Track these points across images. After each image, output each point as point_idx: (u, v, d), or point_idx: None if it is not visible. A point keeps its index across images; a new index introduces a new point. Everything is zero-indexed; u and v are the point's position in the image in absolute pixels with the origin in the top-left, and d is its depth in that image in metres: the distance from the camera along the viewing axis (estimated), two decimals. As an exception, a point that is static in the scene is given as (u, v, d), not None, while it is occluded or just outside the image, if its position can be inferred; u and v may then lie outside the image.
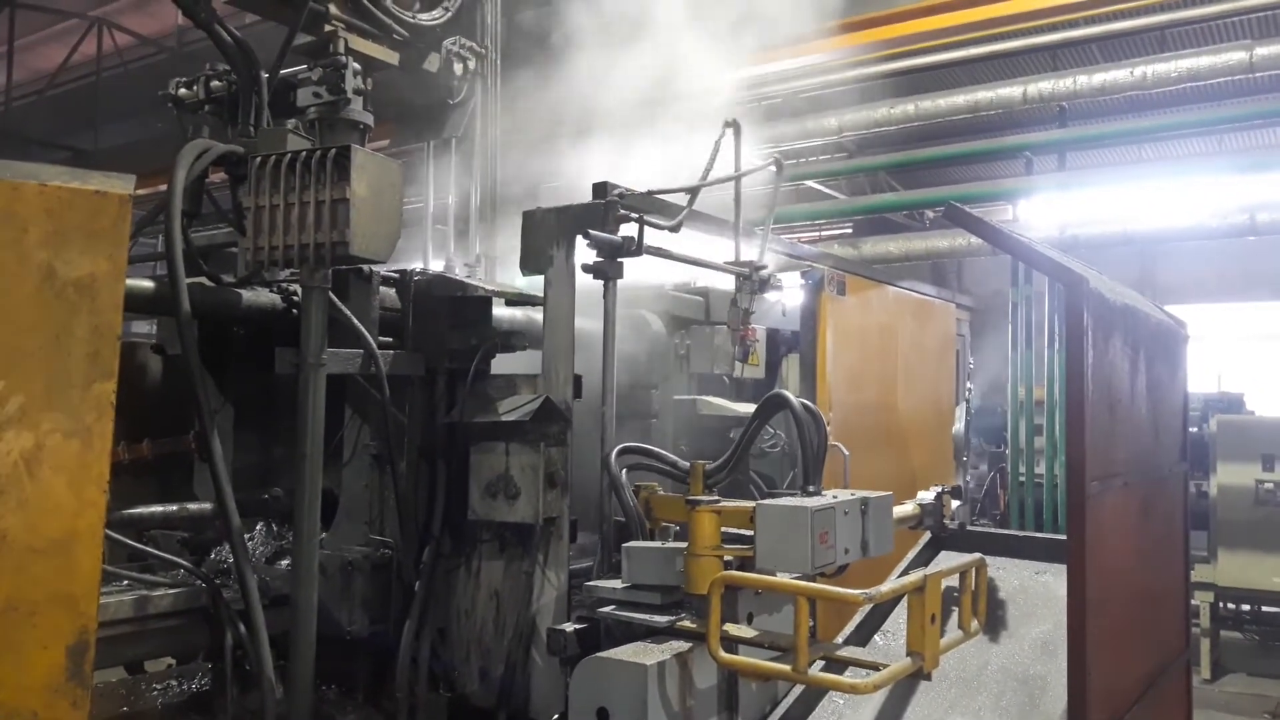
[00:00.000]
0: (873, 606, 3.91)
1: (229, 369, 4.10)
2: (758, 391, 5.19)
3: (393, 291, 4.10)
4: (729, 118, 4.43)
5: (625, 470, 3.74)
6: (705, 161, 4.29)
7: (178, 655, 4.01)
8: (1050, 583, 4.03)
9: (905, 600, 3.02)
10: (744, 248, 4.54)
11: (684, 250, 4.14)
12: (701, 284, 5.53)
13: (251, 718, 3.52)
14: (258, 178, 3.42)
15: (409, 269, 4.24)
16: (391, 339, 4.03)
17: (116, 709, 3.76)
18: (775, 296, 5.27)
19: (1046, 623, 3.85)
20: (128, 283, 2.59)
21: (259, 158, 3.45)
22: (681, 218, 4.06)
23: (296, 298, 3.80)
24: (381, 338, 3.91)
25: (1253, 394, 10.76)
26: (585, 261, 3.79)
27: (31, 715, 2.32)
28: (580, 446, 3.87)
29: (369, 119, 4.00)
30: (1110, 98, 9.63)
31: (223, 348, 4.04)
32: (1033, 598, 4.02)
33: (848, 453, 5.32)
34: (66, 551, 2.39)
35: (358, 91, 3.98)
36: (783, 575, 3.12)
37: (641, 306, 5.11)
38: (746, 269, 4.53)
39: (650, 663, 3.01)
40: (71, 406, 2.40)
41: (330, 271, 3.51)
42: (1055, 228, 10.56)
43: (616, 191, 3.81)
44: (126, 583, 3.50)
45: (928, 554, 4.36)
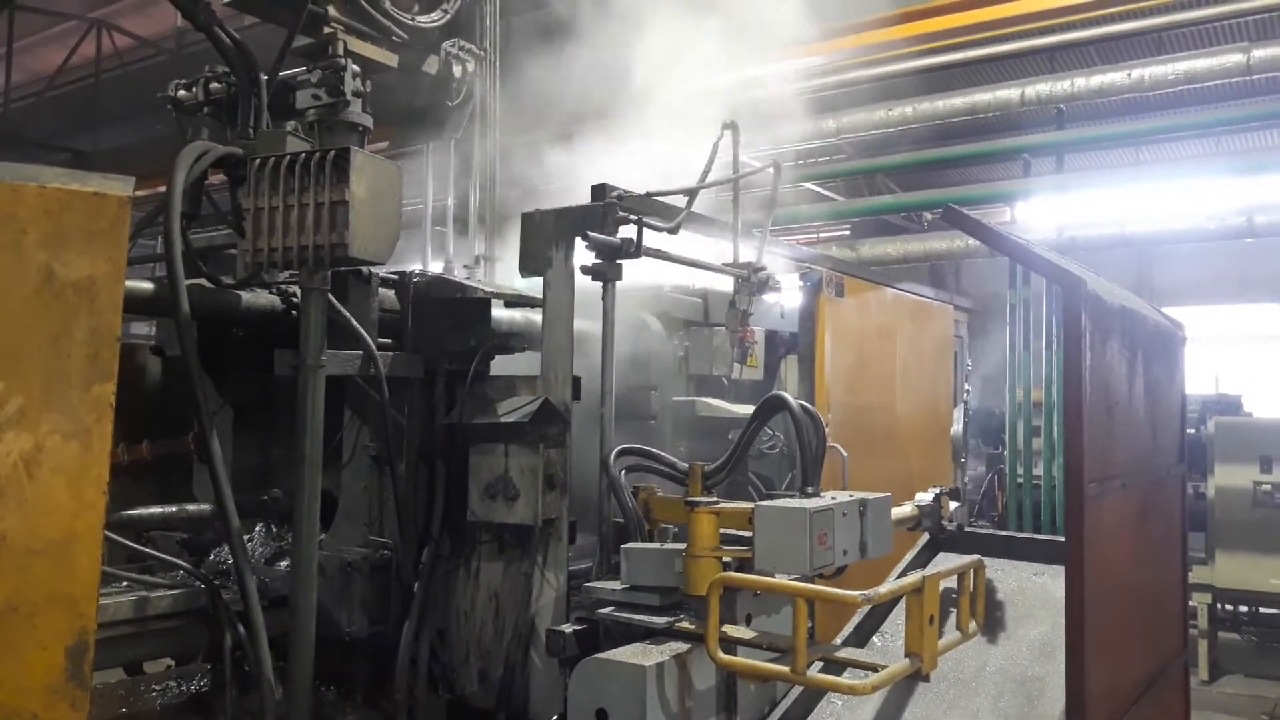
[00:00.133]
0: (871, 608, 3.91)
1: (228, 370, 4.09)
2: (756, 393, 5.19)
3: (392, 293, 4.11)
4: (727, 120, 4.44)
5: (624, 471, 3.75)
6: (703, 163, 4.29)
7: (177, 656, 4.01)
8: (1048, 584, 4.03)
9: (904, 601, 3.03)
10: (742, 249, 4.55)
11: (683, 252, 4.15)
12: (700, 285, 5.53)
13: (251, 719, 3.52)
14: (257, 179, 3.43)
15: (408, 271, 4.24)
16: (391, 340, 4.03)
17: (116, 710, 3.76)
18: (774, 298, 5.28)
19: (1045, 624, 3.85)
20: (127, 284, 2.59)
21: (258, 159, 3.45)
22: (680, 219, 4.07)
23: (296, 299, 3.80)
24: (381, 339, 3.91)
25: (1250, 396, 10.77)
26: (584, 263, 3.80)
27: (31, 716, 2.32)
28: (579, 448, 3.88)
29: (368, 121, 4.00)
30: (1108, 100, 9.65)
31: (222, 349, 4.03)
32: (1031, 599, 4.02)
33: (846, 454, 5.33)
34: (66, 552, 2.38)
35: (357, 93, 3.97)
36: (781, 576, 3.12)
37: (640, 308, 5.11)
38: (745, 271, 4.54)
39: (649, 664, 3.02)
40: (71, 408, 2.40)
41: (329, 273, 3.51)
42: (1053, 229, 10.57)
43: (615, 193, 3.82)
44: (126, 584, 3.50)
45: (926, 555, 4.36)
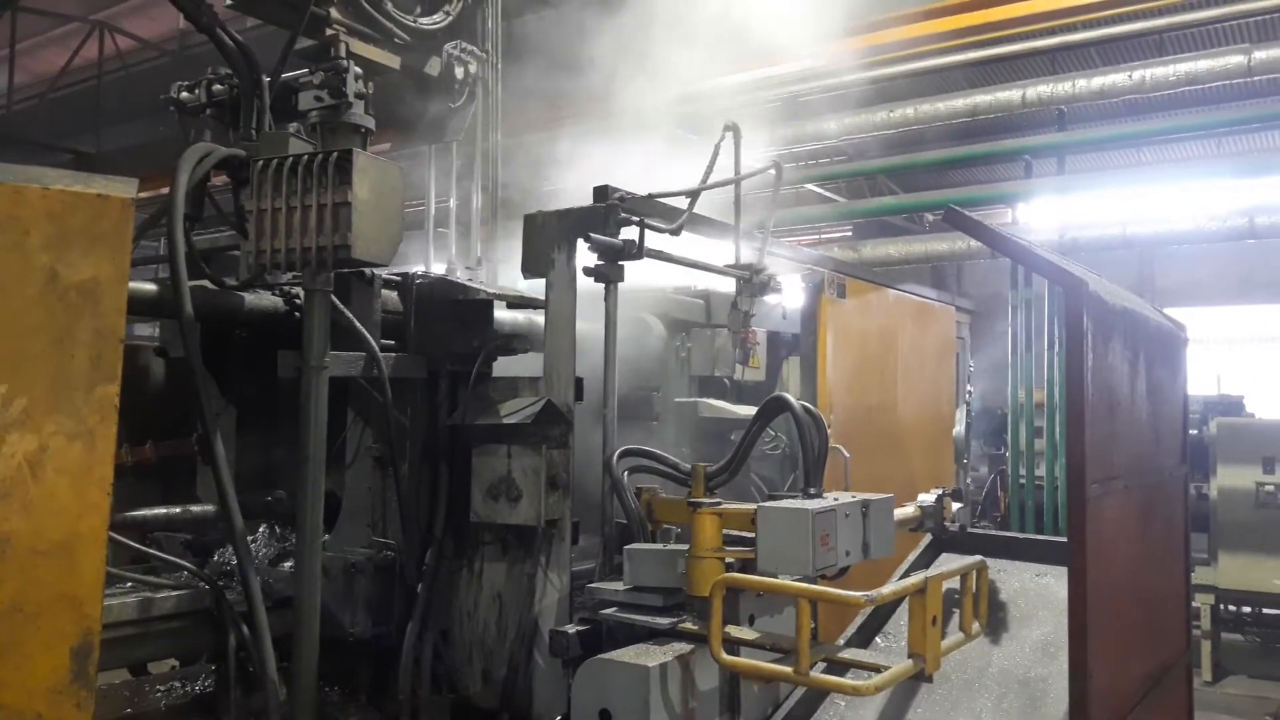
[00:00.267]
0: (874, 608, 3.91)
1: (231, 372, 4.10)
2: (758, 394, 5.19)
3: (395, 294, 4.11)
4: (728, 121, 4.44)
5: (627, 472, 3.75)
6: (705, 165, 4.30)
7: (181, 657, 4.02)
8: (1051, 585, 4.03)
9: (906, 602, 3.03)
10: (744, 251, 4.55)
11: (685, 253, 4.15)
12: (702, 287, 5.54)
13: (255, 719, 3.53)
14: (260, 181, 3.43)
15: (411, 272, 4.24)
16: (393, 342, 4.03)
17: (120, 710, 3.75)
18: (775, 299, 5.28)
19: (1047, 625, 3.86)
20: (130, 286, 2.60)
21: (261, 161, 3.45)
22: (682, 221, 4.07)
23: (299, 301, 3.80)
24: (383, 340, 3.91)
25: (1252, 396, 10.77)
26: (586, 264, 3.80)
27: (36, 717, 2.33)
28: (582, 449, 3.88)
29: (370, 123, 4.00)
30: (1109, 101, 9.65)
31: (225, 350, 4.04)
32: (1033, 600, 4.03)
33: (848, 455, 5.33)
34: (70, 553, 2.39)
35: (359, 95, 3.97)
36: (784, 577, 3.12)
37: (642, 309, 5.12)
38: (747, 272, 4.54)
39: (652, 664, 3.02)
40: (75, 409, 2.40)
41: (332, 275, 3.51)
42: (1055, 231, 10.58)
43: (617, 195, 3.82)
44: (130, 585, 3.50)
45: (928, 556, 4.36)
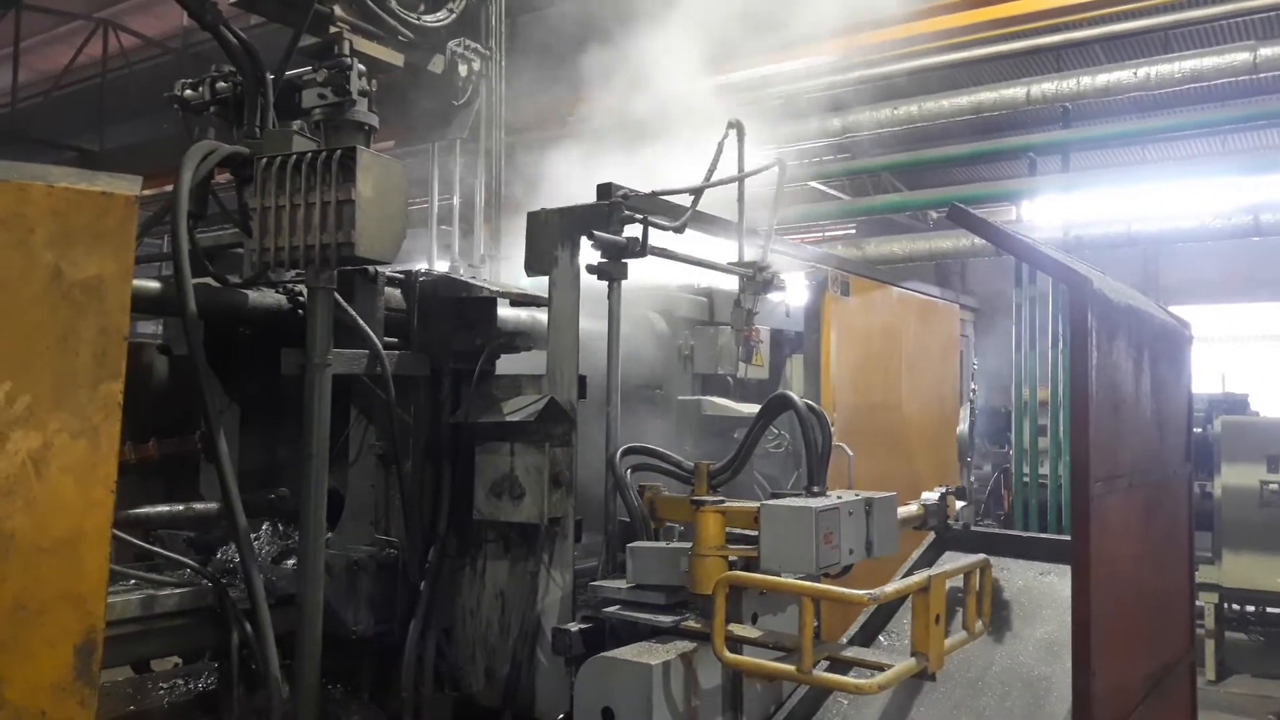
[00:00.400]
0: (877, 607, 3.91)
1: (235, 369, 4.10)
2: (762, 392, 5.19)
3: (398, 292, 4.10)
4: (732, 118, 4.44)
5: (630, 470, 3.75)
6: (709, 162, 4.29)
7: (184, 654, 4.02)
8: (1054, 583, 4.03)
9: (910, 601, 3.03)
10: (748, 248, 4.55)
11: (688, 251, 4.15)
12: (705, 284, 5.53)
13: (258, 717, 3.53)
14: (263, 179, 3.43)
15: (414, 270, 4.24)
16: (397, 339, 4.03)
17: (123, 708, 3.76)
18: (779, 297, 5.27)
19: (1051, 624, 3.85)
20: (134, 283, 2.60)
21: (264, 159, 3.45)
22: (686, 219, 4.06)
23: (302, 298, 3.80)
24: (387, 338, 3.91)
25: (1257, 395, 10.75)
26: (590, 262, 3.80)
27: (40, 714, 2.33)
28: (585, 447, 3.88)
29: (374, 120, 4.00)
30: (1114, 98, 9.62)
31: (228, 348, 4.04)
32: (1037, 598, 4.02)
33: (852, 453, 5.33)
34: (74, 551, 2.40)
35: (362, 93, 3.97)
36: (787, 575, 3.12)
37: (646, 307, 5.11)
38: (750, 269, 4.54)
39: (655, 662, 3.02)
40: (79, 407, 2.41)
41: (336, 272, 3.51)
42: (1059, 228, 10.56)
43: (621, 192, 3.82)
44: (133, 582, 3.50)
45: (932, 554, 4.36)
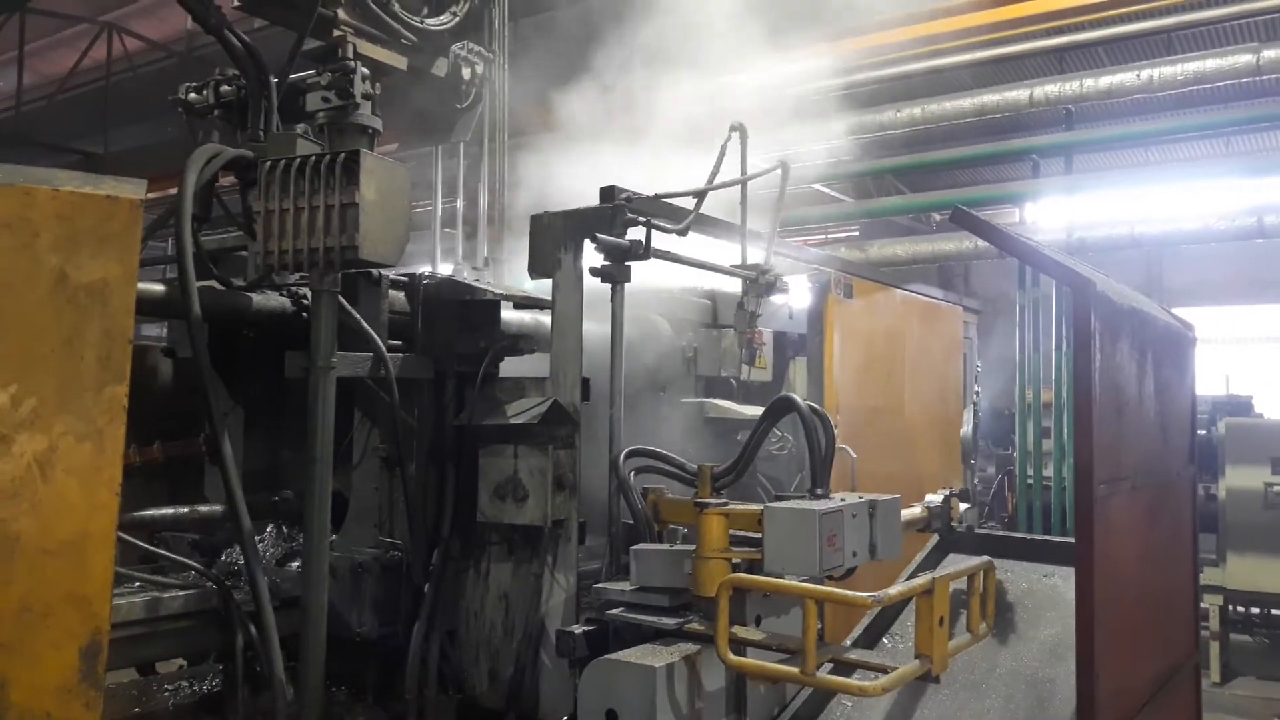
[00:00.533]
0: (881, 609, 3.91)
1: (239, 372, 4.11)
2: (765, 394, 5.20)
3: (401, 295, 4.11)
4: (734, 121, 4.44)
5: (633, 473, 3.75)
6: (711, 165, 4.30)
7: (189, 656, 4.02)
8: (1059, 585, 4.03)
9: (913, 603, 3.02)
10: (751, 251, 4.55)
11: (691, 253, 4.15)
12: (708, 287, 5.53)
13: (262, 719, 3.53)
14: (267, 182, 3.43)
15: (418, 273, 4.25)
16: (400, 342, 4.04)
17: (128, 710, 3.76)
18: (782, 299, 5.28)
19: (1055, 626, 3.85)
20: (139, 286, 2.60)
21: (268, 162, 3.45)
22: (689, 221, 4.07)
23: (306, 301, 3.81)
24: (390, 341, 3.92)
25: (1261, 397, 10.73)
26: (593, 265, 3.80)
27: (45, 716, 2.33)
28: (588, 449, 3.88)
29: (377, 123, 4.00)
30: (1117, 100, 9.64)
31: (233, 351, 4.05)
32: (1041, 600, 4.02)
33: (855, 455, 5.33)
34: (79, 553, 2.40)
35: (366, 96, 3.98)
36: (791, 578, 3.12)
37: (649, 310, 5.12)
38: (753, 272, 4.54)
39: (659, 665, 3.02)
40: (84, 409, 2.41)
41: (340, 275, 3.52)
42: (1062, 230, 10.56)
43: (624, 195, 3.82)
44: (138, 584, 3.50)
45: (936, 557, 4.36)
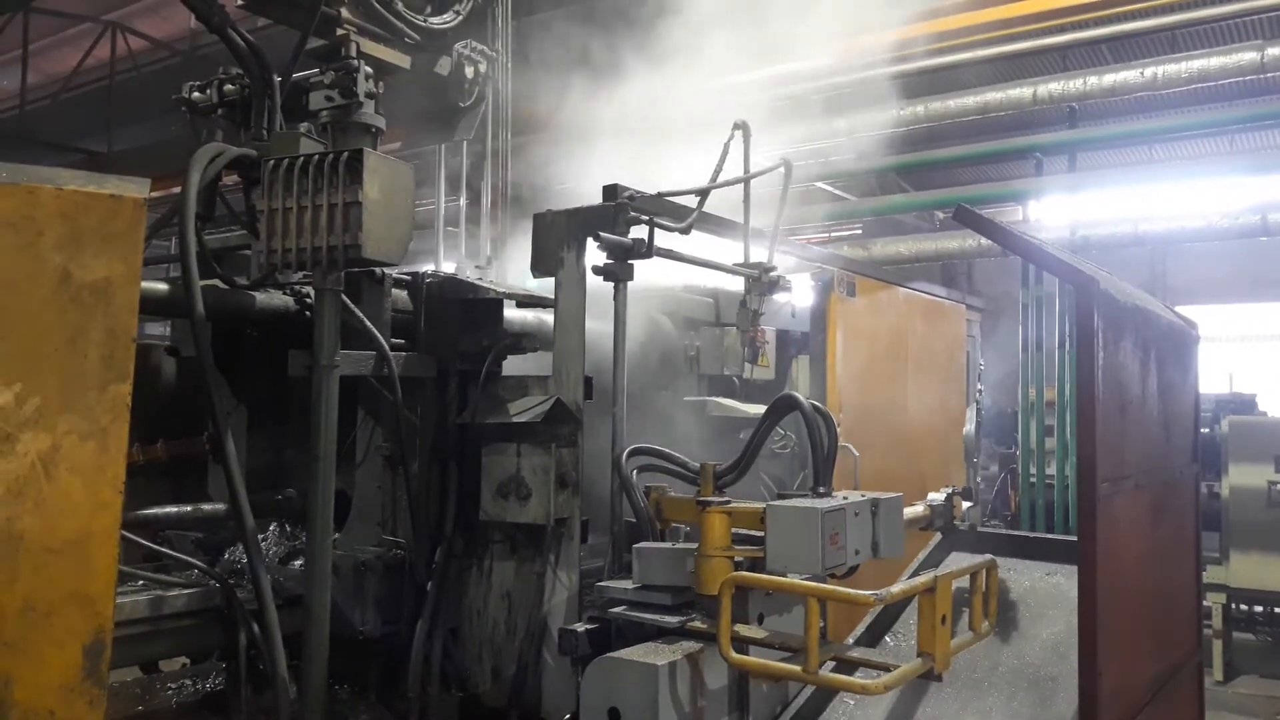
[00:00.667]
0: (883, 607, 3.92)
1: (242, 371, 4.11)
2: (767, 393, 5.19)
3: (405, 294, 4.12)
4: (737, 119, 4.44)
5: (636, 471, 3.75)
6: (714, 163, 4.29)
7: (192, 655, 4.03)
8: (1061, 584, 4.03)
9: (916, 601, 3.02)
10: (753, 249, 4.55)
11: (694, 252, 4.15)
12: (711, 285, 5.53)
13: (265, 717, 3.54)
14: (270, 181, 3.44)
15: (421, 271, 4.25)
16: (403, 341, 4.04)
17: (132, 708, 3.78)
18: (785, 298, 5.28)
19: (1057, 624, 3.85)
20: (142, 285, 2.61)
21: (272, 161, 3.46)
22: (691, 220, 4.07)
23: (309, 300, 3.82)
24: (393, 339, 3.92)
25: (1265, 395, 10.70)
26: (596, 263, 3.81)
27: (48, 714, 2.34)
28: (591, 447, 3.89)
29: (381, 122, 4.00)
30: (1121, 98, 9.62)
31: (236, 350, 4.05)
32: (1043, 599, 4.02)
33: (858, 454, 5.33)
34: (83, 552, 2.40)
35: (369, 95, 3.98)
36: (793, 576, 3.12)
37: (652, 308, 5.12)
38: (756, 270, 4.54)
39: (661, 663, 3.02)
40: (87, 408, 2.42)
41: (343, 274, 3.53)
42: (1066, 228, 10.55)
43: (626, 194, 3.82)
44: (142, 583, 3.51)
45: (938, 555, 4.36)
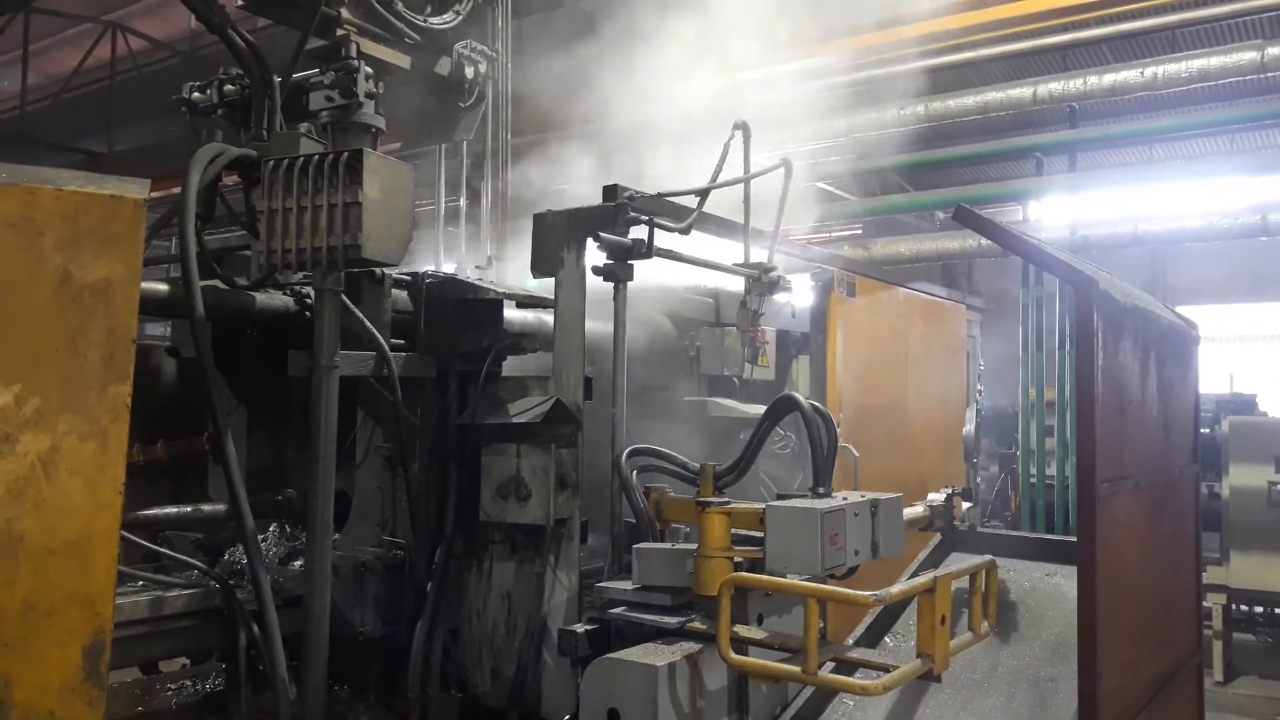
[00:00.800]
0: (883, 608, 3.91)
1: (242, 371, 4.12)
2: (767, 393, 5.19)
3: (405, 294, 4.12)
4: (738, 119, 4.44)
5: (636, 472, 3.75)
6: (714, 164, 4.29)
7: (192, 655, 4.03)
8: (1061, 584, 4.03)
9: (915, 602, 3.02)
10: (753, 249, 4.55)
11: (694, 252, 4.15)
12: (711, 285, 5.53)
13: (265, 718, 3.54)
14: (271, 181, 3.44)
15: (421, 271, 4.25)
16: (403, 341, 4.04)
17: (131, 709, 3.78)
18: (785, 298, 5.27)
19: (1057, 625, 3.85)
20: (142, 286, 2.61)
21: (272, 161, 3.46)
22: (691, 220, 4.07)
23: (309, 300, 3.82)
24: (393, 340, 3.92)
25: (1265, 395, 10.69)
26: (596, 264, 3.81)
27: (48, 714, 2.34)
28: (591, 448, 3.88)
29: (381, 122, 4.01)
30: (1121, 98, 9.61)
31: (236, 350, 4.06)
32: (1043, 599, 4.02)
33: (858, 454, 5.33)
34: (83, 552, 2.40)
35: (369, 95, 3.98)
36: (793, 577, 3.12)
37: (652, 308, 5.12)
38: (756, 270, 4.54)
39: (661, 664, 3.02)
40: (87, 409, 2.42)
41: (343, 274, 3.53)
42: (1066, 228, 10.53)
43: (626, 194, 3.82)
44: (141, 583, 3.52)
45: (938, 555, 4.36)
